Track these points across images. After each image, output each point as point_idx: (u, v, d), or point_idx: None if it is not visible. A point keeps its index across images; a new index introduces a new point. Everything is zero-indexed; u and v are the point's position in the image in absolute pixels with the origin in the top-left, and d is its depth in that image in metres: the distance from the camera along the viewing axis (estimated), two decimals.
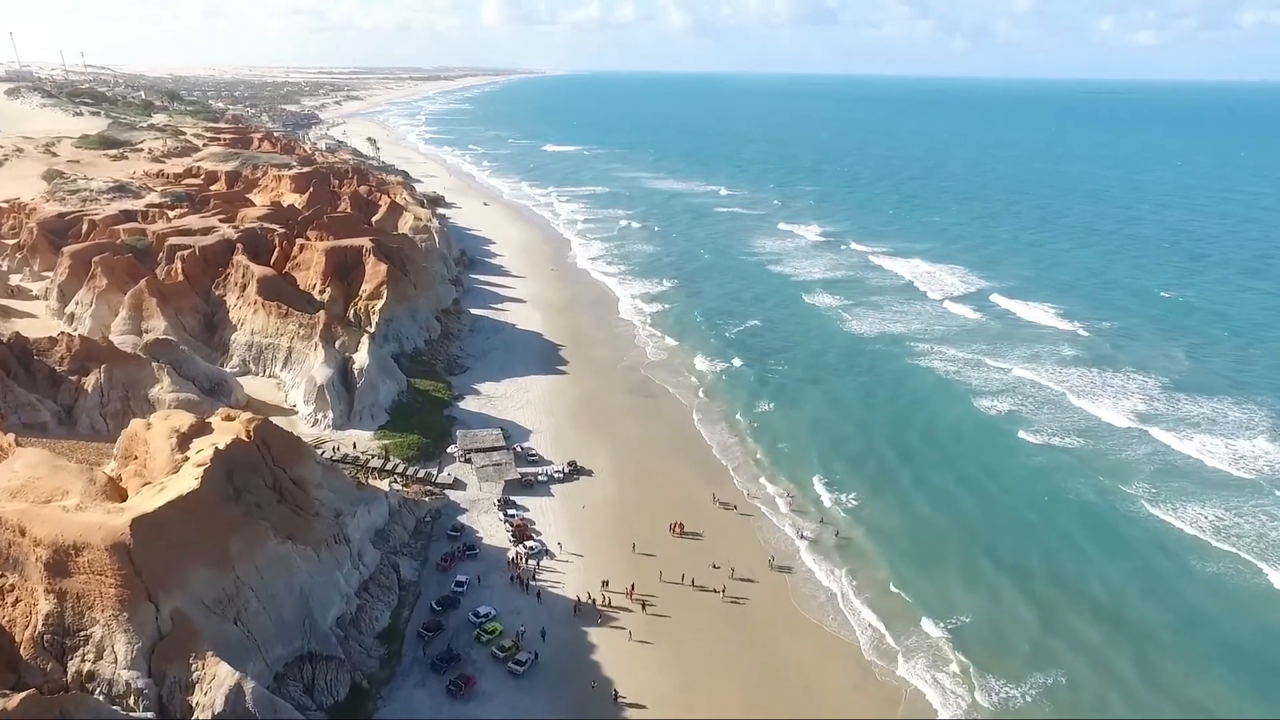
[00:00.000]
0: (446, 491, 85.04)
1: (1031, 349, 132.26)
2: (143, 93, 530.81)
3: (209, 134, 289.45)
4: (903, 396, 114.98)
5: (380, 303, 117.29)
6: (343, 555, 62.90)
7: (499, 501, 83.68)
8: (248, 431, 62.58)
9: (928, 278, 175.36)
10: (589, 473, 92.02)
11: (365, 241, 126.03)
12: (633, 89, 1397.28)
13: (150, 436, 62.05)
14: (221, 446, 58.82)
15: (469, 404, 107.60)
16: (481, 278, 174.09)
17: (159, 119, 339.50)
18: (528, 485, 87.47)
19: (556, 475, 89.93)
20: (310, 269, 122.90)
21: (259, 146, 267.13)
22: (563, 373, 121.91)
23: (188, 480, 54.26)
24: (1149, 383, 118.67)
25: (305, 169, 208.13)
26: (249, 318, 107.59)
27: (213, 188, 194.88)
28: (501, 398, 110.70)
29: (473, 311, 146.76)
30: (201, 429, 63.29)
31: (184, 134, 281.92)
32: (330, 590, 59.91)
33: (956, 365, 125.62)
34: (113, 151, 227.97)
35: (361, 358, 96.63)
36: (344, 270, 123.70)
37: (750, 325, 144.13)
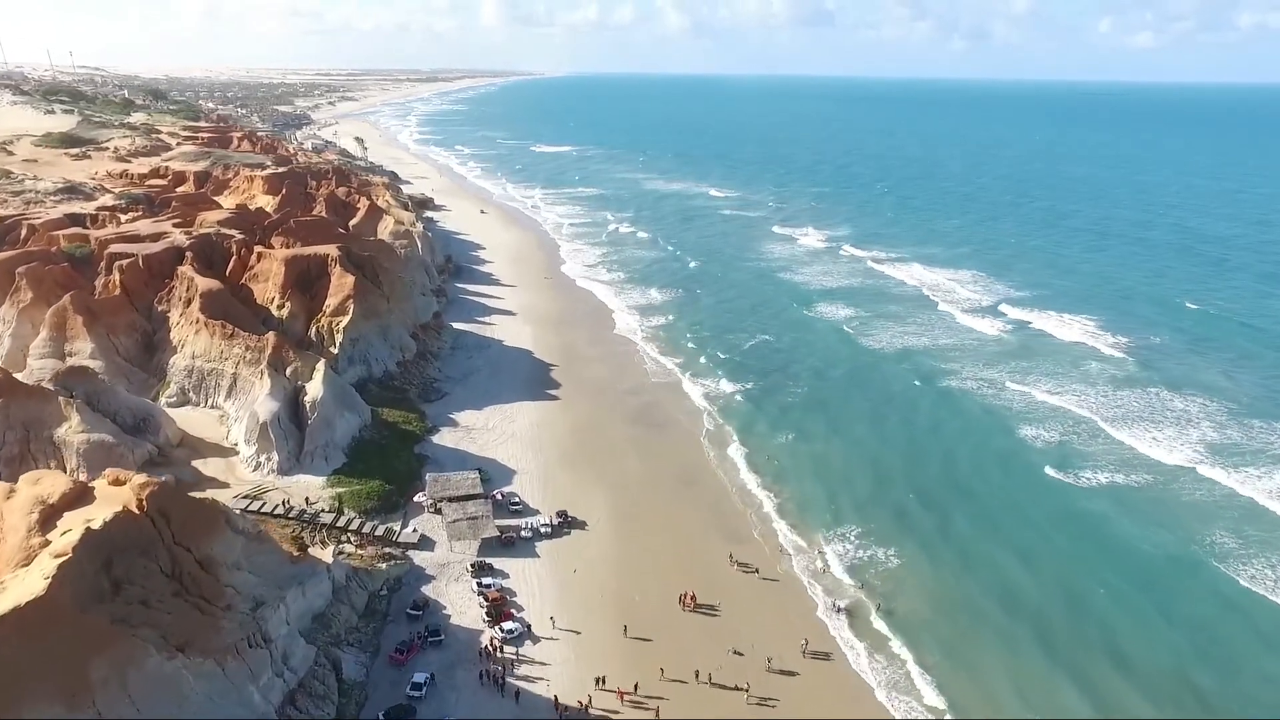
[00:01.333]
0: (410, 553, 70.97)
1: (1055, 368, 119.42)
2: (125, 91, 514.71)
3: (186, 133, 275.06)
4: (931, 426, 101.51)
5: (345, 319, 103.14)
6: (260, 662, 48.73)
7: (473, 566, 69.63)
8: (139, 501, 48.51)
9: (936, 286, 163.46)
10: (582, 525, 78.03)
11: (331, 249, 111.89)
12: (631, 90, 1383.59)
13: (8, 510, 47.95)
14: (96, 525, 44.75)
15: (445, 438, 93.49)
16: (469, 287, 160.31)
17: (138, 118, 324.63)
18: (508, 544, 73.39)
19: (543, 529, 75.88)
20: (269, 280, 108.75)
21: (238, 146, 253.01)
22: (554, 398, 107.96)
23: (35, 581, 40.18)
24: (1195, 408, 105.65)
25: (280, 169, 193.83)
26: (190, 338, 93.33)
27: (179, 189, 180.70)
28: (483, 429, 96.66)
29: (456, 326, 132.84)
30: (79, 497, 49.22)
31: (159, 133, 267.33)
32: (238, 713, 45.77)
33: (978, 387, 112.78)
34: (74, 150, 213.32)
35: (315, 388, 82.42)
36: (307, 282, 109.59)
37: (757, 341, 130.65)
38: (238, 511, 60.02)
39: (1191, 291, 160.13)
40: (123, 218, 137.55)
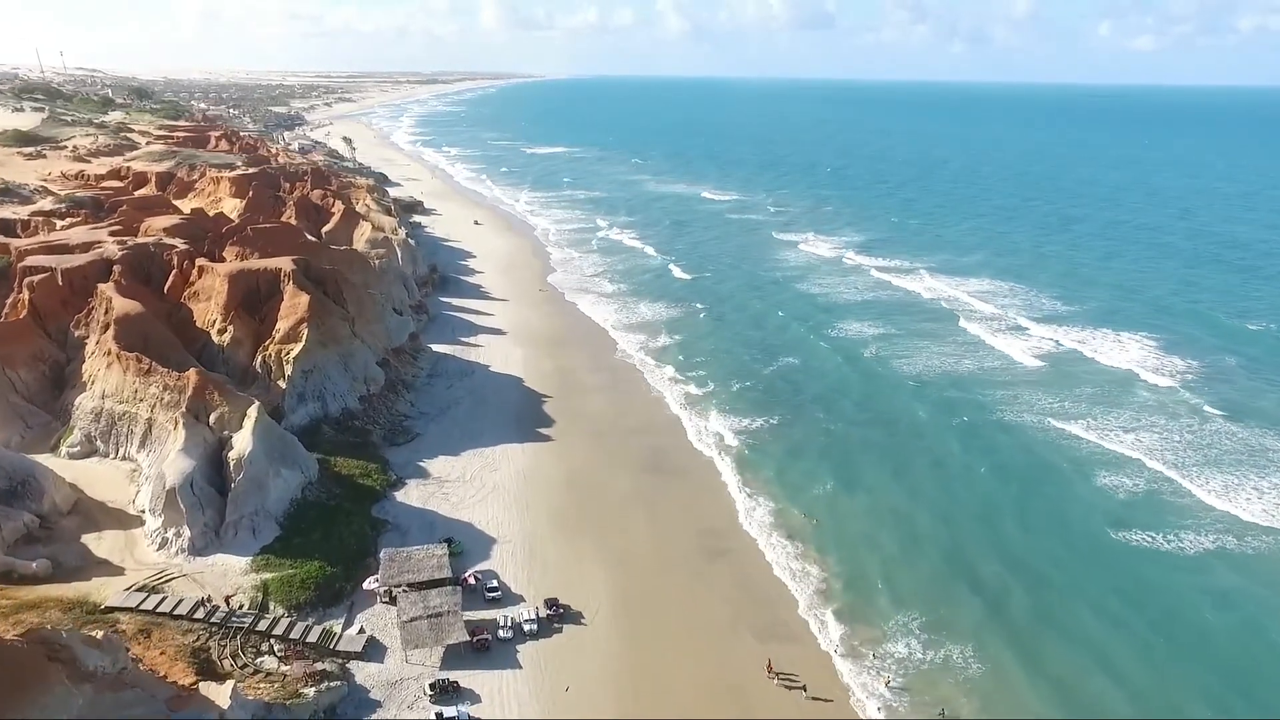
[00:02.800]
0: (352, 664, 54.40)
1: (1101, 397, 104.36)
2: (109, 90, 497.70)
3: (160, 132, 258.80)
4: (980, 474, 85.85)
5: (297, 347, 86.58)
6: None
7: (432, 687, 52.98)
8: None
9: (955, 300, 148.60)
10: (578, 618, 61.59)
11: (285, 262, 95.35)
12: (630, 93, 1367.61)
13: None
14: None
15: (411, 494, 76.98)
16: (455, 301, 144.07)
17: (113, 117, 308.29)
18: (482, 649, 56.81)
19: (528, 626, 59.36)
20: (210, 300, 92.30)
21: (215, 146, 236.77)
22: (546, 438, 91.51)
23: None
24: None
25: (250, 170, 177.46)
26: (101, 373, 76.78)
27: (138, 192, 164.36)
28: (459, 481, 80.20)
29: (436, 349, 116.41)
30: None
31: (130, 131, 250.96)
32: None
33: (1032, 422, 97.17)
34: (29, 149, 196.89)
35: (243, 440, 65.82)
36: (256, 301, 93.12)
37: (774, 368, 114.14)
38: (100, 634, 43.39)
39: (1229, 304, 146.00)
40: (58, 224, 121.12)
